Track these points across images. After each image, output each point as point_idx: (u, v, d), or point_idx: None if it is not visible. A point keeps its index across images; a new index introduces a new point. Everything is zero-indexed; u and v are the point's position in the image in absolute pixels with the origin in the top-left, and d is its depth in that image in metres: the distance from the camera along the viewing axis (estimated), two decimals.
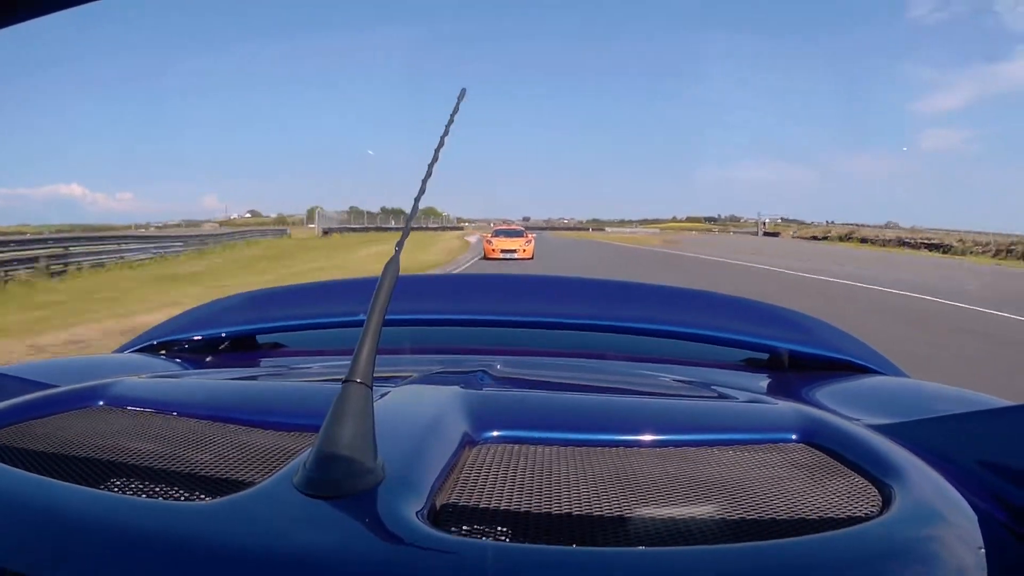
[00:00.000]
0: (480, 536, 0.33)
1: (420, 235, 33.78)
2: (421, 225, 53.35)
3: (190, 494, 0.37)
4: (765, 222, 67.31)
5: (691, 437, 0.45)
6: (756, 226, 65.37)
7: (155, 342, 0.94)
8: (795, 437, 0.46)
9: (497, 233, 19.77)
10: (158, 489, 0.38)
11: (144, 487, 0.38)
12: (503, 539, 0.33)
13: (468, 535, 0.33)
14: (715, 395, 0.65)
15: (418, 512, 0.32)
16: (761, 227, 62.30)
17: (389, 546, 0.30)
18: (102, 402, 0.52)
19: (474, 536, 0.33)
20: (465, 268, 14.21)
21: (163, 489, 0.38)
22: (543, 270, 13.43)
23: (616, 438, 0.45)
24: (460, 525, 0.34)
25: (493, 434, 0.44)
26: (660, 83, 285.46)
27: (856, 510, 0.36)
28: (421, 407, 0.46)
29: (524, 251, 17.65)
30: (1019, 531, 0.37)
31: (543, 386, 0.68)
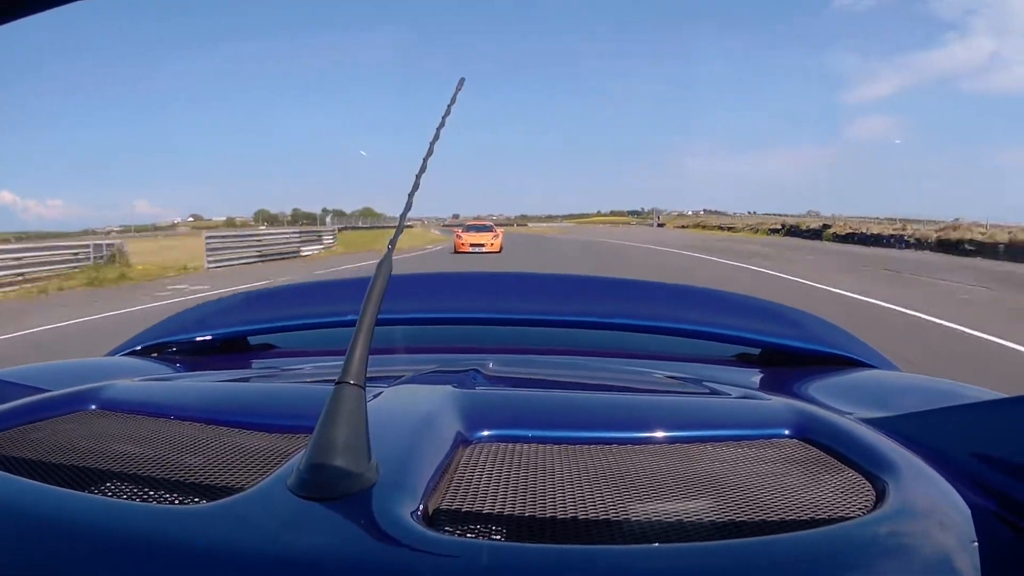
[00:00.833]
0: (475, 536, 0.33)
1: (355, 235, 32.14)
2: (355, 225, 53.71)
3: (183, 497, 0.37)
4: (661, 214, 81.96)
5: (684, 433, 0.45)
6: (653, 217, 78.70)
7: (147, 345, 0.93)
8: (788, 432, 0.46)
9: (467, 228, 21.20)
10: (151, 493, 0.38)
11: (137, 491, 0.38)
12: (498, 538, 0.33)
13: (463, 535, 0.33)
14: (707, 391, 0.65)
15: (412, 513, 0.32)
16: (655, 219, 74.93)
17: (384, 547, 0.30)
18: (94, 406, 0.52)
19: (469, 536, 0.33)
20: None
21: (156, 493, 0.38)
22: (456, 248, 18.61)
23: (609, 435, 0.45)
24: (455, 525, 0.34)
25: (486, 433, 0.44)
26: (586, 80, 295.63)
27: (850, 505, 0.36)
28: (414, 407, 0.47)
29: (492, 245, 18.55)
30: (1013, 523, 0.37)
31: (536, 384, 0.71)
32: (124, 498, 0.37)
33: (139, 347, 0.93)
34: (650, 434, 0.45)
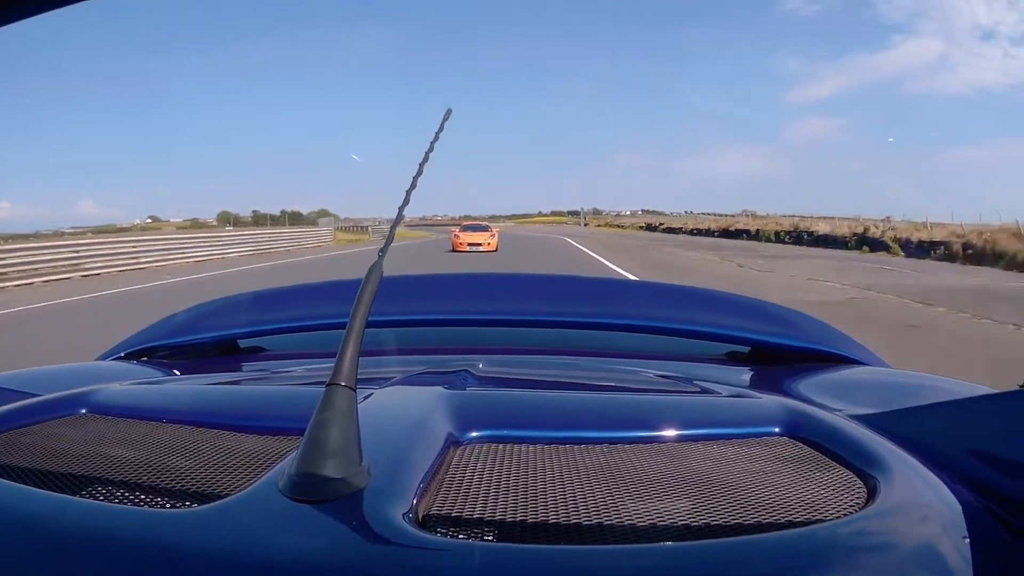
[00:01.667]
0: (467, 536, 0.33)
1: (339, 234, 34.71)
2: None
3: (175, 501, 0.37)
4: (588, 215, 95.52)
5: (675, 432, 0.45)
6: (582, 218, 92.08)
7: (137, 349, 0.93)
8: (778, 430, 0.46)
9: (465, 228, 22.14)
10: (143, 497, 0.38)
11: (129, 495, 0.38)
12: (490, 539, 0.33)
13: (455, 536, 0.33)
14: (697, 390, 0.66)
15: (404, 514, 0.32)
16: (582, 220, 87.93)
17: (376, 549, 0.30)
18: (85, 410, 0.51)
19: (461, 537, 0.33)
20: None
21: (148, 496, 0.38)
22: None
23: (600, 435, 0.45)
24: (447, 526, 0.34)
25: (477, 434, 0.44)
26: (529, 81, 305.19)
27: (841, 502, 0.36)
28: (405, 408, 0.47)
29: (488, 244, 19.20)
30: (1004, 518, 0.37)
31: (526, 385, 0.71)
32: (116, 502, 0.37)
33: (129, 351, 0.92)
34: (641, 433, 0.45)
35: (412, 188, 0.43)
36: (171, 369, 0.84)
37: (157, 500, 0.38)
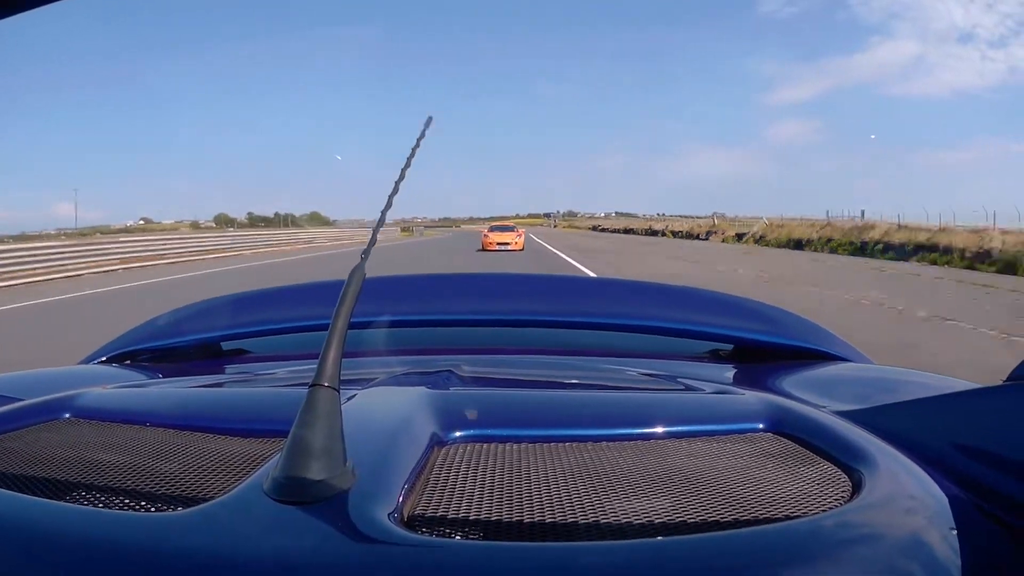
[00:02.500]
0: (452, 536, 0.33)
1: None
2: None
3: (159, 504, 0.37)
4: (564, 215, 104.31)
5: (659, 430, 0.46)
6: (552, 220, 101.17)
7: (119, 352, 0.92)
8: (763, 426, 0.47)
9: (493, 229, 23.52)
10: (127, 500, 0.38)
11: (114, 499, 0.38)
12: (475, 538, 0.33)
13: (440, 535, 0.33)
14: (682, 387, 0.66)
15: (390, 514, 0.32)
16: (553, 222, 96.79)
17: (361, 549, 0.30)
18: (68, 414, 0.51)
19: (446, 536, 0.33)
20: None
21: (132, 500, 0.38)
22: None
23: (584, 433, 0.45)
24: (432, 526, 0.34)
25: (461, 434, 0.44)
26: (510, 83, 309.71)
27: (826, 497, 0.37)
28: (389, 409, 0.47)
29: (516, 244, 20.89)
30: (990, 511, 0.37)
31: (510, 384, 0.71)
32: (100, 506, 0.37)
33: (112, 354, 0.92)
34: (625, 431, 0.45)
35: (394, 193, 0.43)
36: (154, 372, 0.84)
37: (141, 504, 0.37)
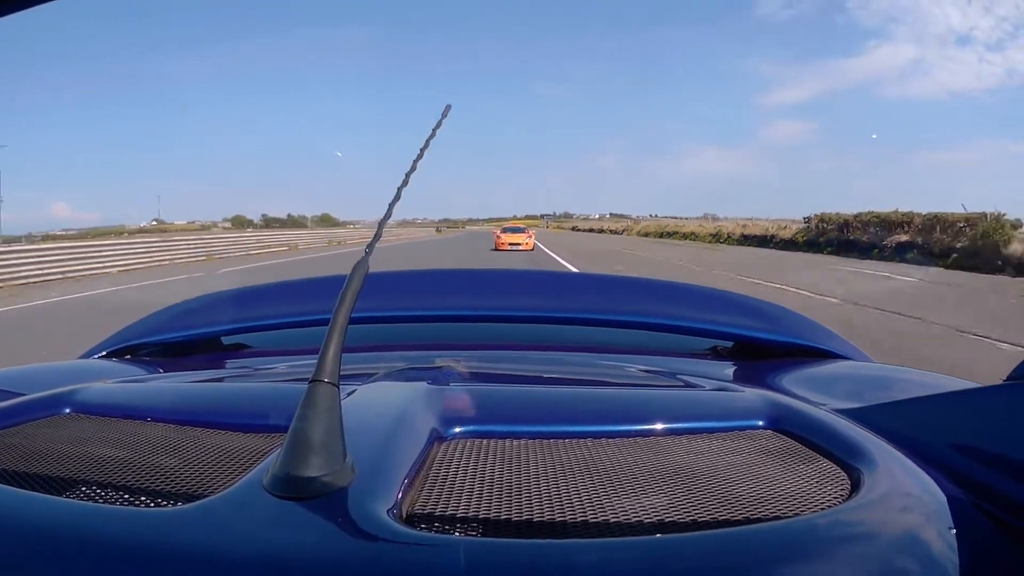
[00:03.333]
0: (452, 532, 0.33)
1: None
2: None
3: (159, 500, 0.37)
4: (559, 216, 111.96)
5: (659, 426, 0.46)
6: (545, 221, 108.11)
7: (120, 347, 0.93)
8: (762, 424, 0.47)
9: (505, 230, 24.81)
10: (127, 496, 0.38)
11: (114, 494, 0.38)
12: (474, 534, 0.33)
13: (440, 531, 0.33)
14: (681, 384, 0.66)
15: (389, 510, 0.32)
16: (545, 223, 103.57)
17: (361, 545, 0.30)
18: (68, 409, 0.51)
19: (446, 532, 0.33)
20: None
21: (132, 496, 0.38)
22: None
23: (584, 429, 0.45)
24: (431, 522, 0.34)
25: (461, 429, 0.44)
26: (511, 85, 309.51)
27: (825, 495, 0.37)
28: (388, 405, 0.47)
29: (527, 244, 22.15)
30: (988, 510, 0.37)
31: (509, 380, 0.72)
32: (100, 502, 0.37)
33: (112, 349, 0.92)
34: (625, 427, 0.45)
35: (404, 185, 0.43)
36: (154, 367, 0.84)
37: (141, 499, 0.37)
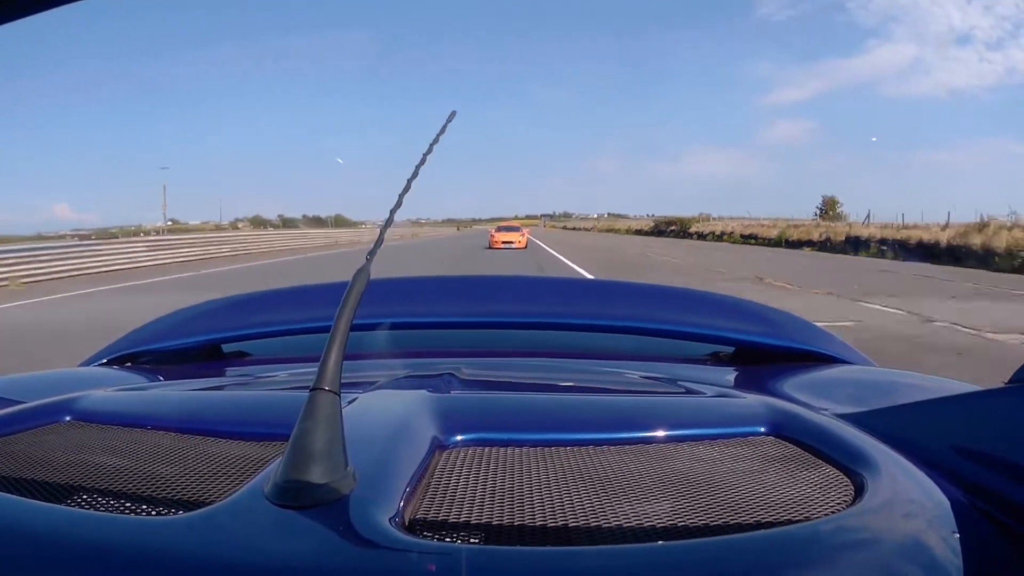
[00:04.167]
0: (454, 540, 0.33)
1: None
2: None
3: (160, 508, 0.37)
4: (559, 216, 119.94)
5: (661, 433, 0.46)
6: (542, 221, 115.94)
7: (120, 355, 0.92)
8: (764, 430, 0.47)
9: (499, 229, 25.42)
10: (128, 504, 0.38)
11: (114, 502, 0.38)
12: (476, 542, 0.33)
13: (441, 540, 0.33)
14: (683, 390, 0.66)
15: (391, 518, 0.32)
16: (543, 223, 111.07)
17: (363, 553, 0.30)
18: (69, 417, 0.51)
19: (448, 540, 0.33)
20: None
21: (133, 504, 0.38)
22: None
23: (586, 437, 0.45)
24: (433, 530, 0.34)
25: (463, 437, 0.44)
26: (512, 86, 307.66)
27: (828, 501, 0.37)
28: (390, 412, 0.47)
29: (520, 242, 23.09)
30: (992, 515, 0.37)
31: (511, 387, 0.72)
32: (101, 510, 0.37)
33: (113, 356, 0.92)
34: (626, 435, 0.45)
35: (406, 191, 0.43)
36: (155, 375, 0.84)
37: (143, 507, 0.37)
